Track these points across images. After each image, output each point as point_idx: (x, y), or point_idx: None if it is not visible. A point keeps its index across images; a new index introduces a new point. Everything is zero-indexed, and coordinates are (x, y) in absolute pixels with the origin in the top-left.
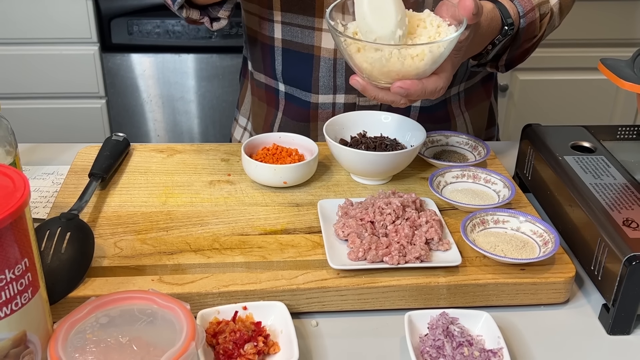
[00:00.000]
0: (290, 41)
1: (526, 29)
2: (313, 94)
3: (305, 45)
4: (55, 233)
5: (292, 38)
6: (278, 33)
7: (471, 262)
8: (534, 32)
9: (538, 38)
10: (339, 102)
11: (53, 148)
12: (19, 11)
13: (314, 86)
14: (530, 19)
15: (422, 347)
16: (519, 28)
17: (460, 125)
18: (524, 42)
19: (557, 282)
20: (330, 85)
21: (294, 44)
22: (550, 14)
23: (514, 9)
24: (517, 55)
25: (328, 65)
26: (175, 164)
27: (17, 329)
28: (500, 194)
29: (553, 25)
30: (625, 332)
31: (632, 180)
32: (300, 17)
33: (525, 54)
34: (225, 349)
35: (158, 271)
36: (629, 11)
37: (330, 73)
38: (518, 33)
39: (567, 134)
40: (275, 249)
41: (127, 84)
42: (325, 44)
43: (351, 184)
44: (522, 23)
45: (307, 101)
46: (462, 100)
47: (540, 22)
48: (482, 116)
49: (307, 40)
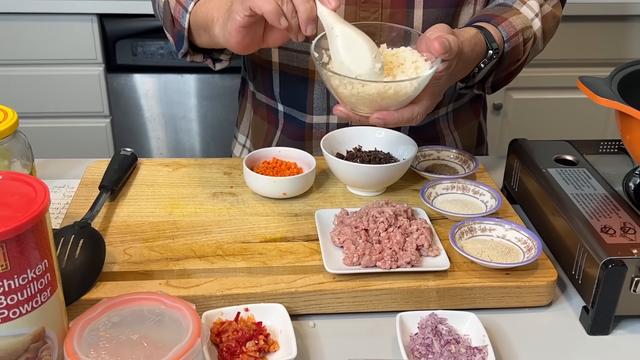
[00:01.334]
0: (287, 65)
1: (510, 52)
2: (308, 114)
3: (300, 69)
4: (69, 240)
5: (289, 62)
6: (275, 57)
7: (459, 267)
8: (518, 56)
9: (522, 61)
10: (332, 122)
11: (63, 163)
12: (29, 34)
13: (309, 107)
14: (514, 43)
15: (412, 345)
16: (504, 52)
17: (449, 143)
18: (509, 65)
19: (540, 286)
20: (324, 106)
21: (290, 68)
22: (533, 39)
23: (498, 33)
24: (502, 78)
25: (322, 87)
26: (180, 177)
27: (37, 325)
28: (487, 204)
29: (537, 49)
30: (604, 333)
31: (611, 191)
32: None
33: (510, 76)
34: (229, 346)
35: (165, 276)
36: (621, 32)
37: (324, 95)
38: (503, 57)
39: (552, 148)
40: (275, 255)
41: (131, 104)
42: None
43: (347, 196)
44: (507, 47)
45: (303, 121)
46: (450, 120)
47: (524, 47)
48: (472, 135)
49: (302, 64)
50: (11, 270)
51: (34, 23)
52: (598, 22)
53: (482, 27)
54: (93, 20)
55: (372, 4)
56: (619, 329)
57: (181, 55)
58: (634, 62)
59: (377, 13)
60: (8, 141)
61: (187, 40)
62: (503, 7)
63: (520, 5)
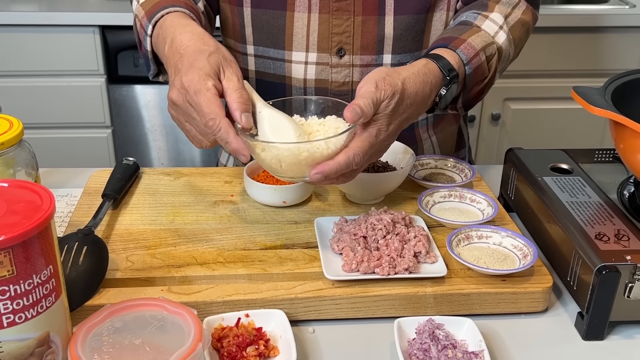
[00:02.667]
0: (263, 72)
1: (473, 74)
2: None
3: (277, 76)
4: (73, 247)
5: (265, 69)
6: (252, 65)
7: (456, 273)
8: (484, 74)
9: (490, 77)
10: None
11: (66, 172)
12: (32, 45)
13: (288, 113)
14: (476, 64)
15: (410, 350)
16: (465, 75)
17: (427, 148)
18: (475, 84)
19: (535, 292)
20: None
21: (267, 75)
22: (498, 54)
23: (456, 57)
24: (472, 97)
25: (299, 92)
26: (182, 186)
27: (42, 329)
28: (484, 212)
29: (506, 59)
30: (599, 338)
31: (605, 199)
32: (271, 50)
33: (480, 93)
34: (229, 351)
35: (167, 282)
36: (616, 43)
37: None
38: (466, 79)
39: (547, 157)
40: (275, 262)
41: (133, 114)
42: (296, 74)
43: (346, 204)
44: (468, 70)
45: None
46: (429, 125)
47: (489, 64)
48: (451, 139)
49: (279, 71)
50: (17, 275)
51: (37, 35)
52: (594, 33)
53: (436, 54)
54: (95, 32)
55: (345, 12)
56: (613, 335)
57: (152, 76)
58: (628, 72)
59: (349, 20)
60: (13, 150)
61: (153, 62)
62: (462, 27)
63: (482, 21)
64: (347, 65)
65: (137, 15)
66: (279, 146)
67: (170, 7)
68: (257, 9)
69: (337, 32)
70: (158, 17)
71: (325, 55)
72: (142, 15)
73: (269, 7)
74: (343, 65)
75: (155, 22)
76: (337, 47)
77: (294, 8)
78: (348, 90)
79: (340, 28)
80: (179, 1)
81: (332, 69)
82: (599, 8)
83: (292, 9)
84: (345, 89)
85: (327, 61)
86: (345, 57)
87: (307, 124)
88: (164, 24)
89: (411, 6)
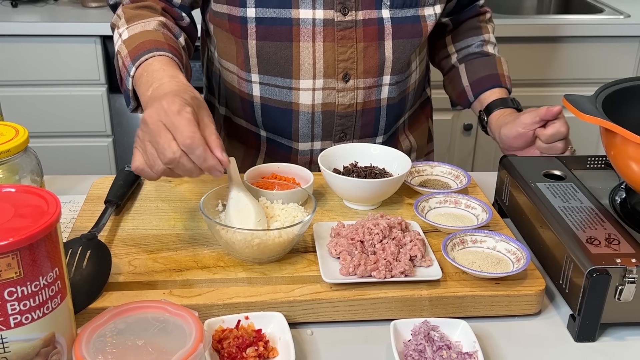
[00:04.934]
0: (269, 98)
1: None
2: (294, 141)
3: (283, 102)
4: (77, 251)
5: (271, 96)
6: (257, 92)
7: (451, 277)
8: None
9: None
10: (316, 148)
11: (69, 179)
12: (34, 55)
13: (294, 135)
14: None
15: (406, 351)
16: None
17: (405, 147)
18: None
19: (528, 295)
20: (309, 134)
21: (273, 101)
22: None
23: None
24: None
25: (307, 117)
26: (183, 192)
27: (47, 330)
28: (479, 217)
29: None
30: (591, 340)
31: (597, 204)
32: (277, 79)
33: None
34: (230, 352)
35: (168, 286)
36: (609, 52)
37: (309, 124)
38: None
39: (541, 163)
40: (274, 266)
41: (133, 123)
42: (303, 100)
43: (344, 209)
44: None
45: (289, 146)
46: (406, 127)
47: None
48: (423, 135)
49: (286, 98)
50: (24, 277)
51: (39, 45)
52: (589, 42)
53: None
54: (96, 42)
55: (348, 40)
56: (605, 336)
57: (131, 110)
58: (619, 80)
59: (352, 47)
60: (19, 157)
61: (134, 99)
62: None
63: (491, 47)
64: (351, 88)
65: (120, 52)
66: (237, 231)
67: (155, 50)
68: (263, 41)
69: (342, 59)
70: (142, 60)
71: (331, 81)
72: (125, 54)
73: (275, 39)
74: (348, 89)
75: (138, 65)
76: (342, 72)
77: (299, 38)
78: (352, 112)
79: (346, 55)
80: (163, 44)
81: (338, 93)
82: (594, 18)
83: (297, 40)
84: (350, 110)
85: (333, 86)
86: (350, 81)
87: (272, 207)
88: (149, 68)
89: (406, 31)
